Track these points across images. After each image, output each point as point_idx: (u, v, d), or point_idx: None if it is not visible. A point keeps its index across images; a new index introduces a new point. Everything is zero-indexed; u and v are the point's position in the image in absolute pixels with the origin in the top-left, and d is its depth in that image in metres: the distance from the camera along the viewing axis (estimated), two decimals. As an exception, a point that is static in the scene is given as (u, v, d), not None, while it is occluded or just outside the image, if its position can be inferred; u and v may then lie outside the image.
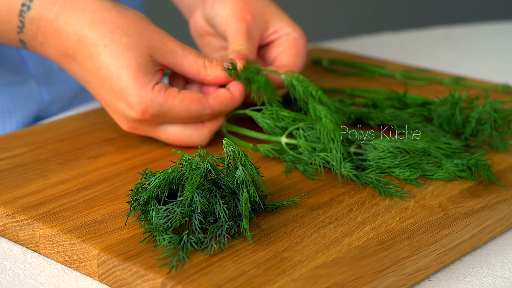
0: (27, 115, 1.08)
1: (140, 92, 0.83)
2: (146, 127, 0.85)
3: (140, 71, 0.83)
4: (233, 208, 0.71)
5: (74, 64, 0.85)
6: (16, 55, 1.07)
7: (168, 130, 0.86)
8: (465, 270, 0.73)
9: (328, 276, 0.65)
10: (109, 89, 0.83)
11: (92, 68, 0.83)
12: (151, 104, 0.83)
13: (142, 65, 0.83)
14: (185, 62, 0.86)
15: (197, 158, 0.72)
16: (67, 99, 1.12)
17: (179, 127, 0.86)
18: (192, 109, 0.84)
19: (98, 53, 0.83)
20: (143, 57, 0.83)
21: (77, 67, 0.85)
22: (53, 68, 1.10)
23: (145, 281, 0.66)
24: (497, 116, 0.88)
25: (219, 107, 0.86)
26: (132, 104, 0.83)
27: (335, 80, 1.11)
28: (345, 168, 0.81)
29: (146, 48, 0.84)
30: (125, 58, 0.83)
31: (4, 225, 0.75)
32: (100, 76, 0.83)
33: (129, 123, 0.85)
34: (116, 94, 0.83)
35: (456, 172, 0.81)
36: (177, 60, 0.86)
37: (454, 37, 1.46)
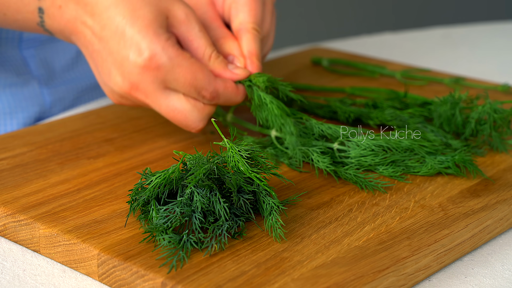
0: (28, 117, 1.08)
1: (152, 38, 0.81)
2: (148, 83, 0.82)
3: (155, 22, 0.82)
4: (237, 203, 0.71)
5: (89, 21, 0.83)
6: (18, 56, 1.07)
7: (170, 97, 0.84)
8: (465, 270, 0.73)
9: (328, 276, 0.65)
10: (121, 36, 0.82)
11: (107, 19, 0.82)
12: (161, 52, 0.81)
13: (158, 19, 0.82)
14: (195, 42, 0.85)
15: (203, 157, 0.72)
16: (69, 100, 1.12)
17: (180, 99, 0.84)
18: (199, 77, 0.82)
19: (116, 4, 0.82)
20: (159, 13, 0.82)
21: (91, 23, 0.83)
22: (56, 70, 1.10)
23: (145, 281, 0.66)
24: (496, 116, 0.88)
25: (223, 90, 0.84)
26: (141, 48, 0.81)
27: (335, 80, 1.11)
28: (323, 162, 0.81)
29: (164, 8, 0.83)
30: (142, 10, 0.82)
31: (4, 225, 0.75)
32: (113, 26, 0.82)
33: (132, 77, 0.82)
34: (126, 41, 0.81)
35: (440, 169, 0.82)
36: (189, 36, 0.85)
37: (454, 37, 1.46)
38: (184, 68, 0.82)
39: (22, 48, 1.07)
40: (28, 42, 1.07)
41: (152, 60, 0.81)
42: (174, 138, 0.90)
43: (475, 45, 1.43)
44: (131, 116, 0.96)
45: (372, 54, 1.30)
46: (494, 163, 0.86)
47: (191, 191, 0.70)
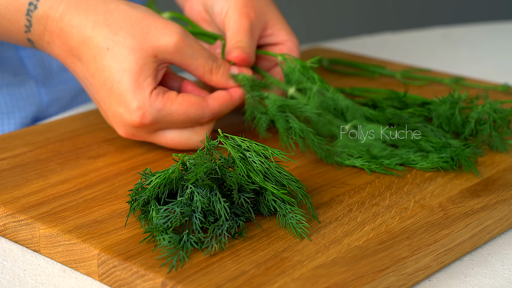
0: (25, 116, 1.08)
1: (139, 97, 0.82)
2: (144, 133, 0.85)
3: (141, 74, 0.82)
4: (238, 202, 0.71)
5: (79, 64, 0.85)
6: (15, 56, 1.07)
7: (166, 135, 0.85)
8: (465, 270, 0.73)
9: (328, 276, 0.65)
10: (109, 92, 0.83)
11: (95, 70, 0.83)
12: (149, 109, 0.82)
13: (144, 68, 0.82)
14: (192, 65, 0.85)
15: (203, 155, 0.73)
16: (66, 100, 1.12)
17: (177, 131, 0.86)
18: (191, 112, 0.84)
19: (102, 56, 0.83)
20: (146, 59, 0.82)
21: (81, 67, 0.85)
22: (53, 69, 1.10)
23: (145, 281, 0.66)
24: (496, 116, 0.88)
25: (219, 108, 0.86)
26: (131, 109, 0.82)
27: (335, 80, 1.11)
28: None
29: (151, 48, 0.82)
30: (127, 61, 0.82)
31: (4, 225, 0.75)
32: (102, 79, 0.83)
33: (127, 129, 0.84)
34: (116, 98, 0.83)
35: (439, 163, 0.83)
36: (185, 61, 0.85)
37: (454, 37, 1.46)
38: (175, 112, 0.84)
39: (18, 48, 1.07)
40: None
41: (143, 119, 0.83)
42: (174, 138, 0.90)
43: (475, 45, 1.43)
44: (131, 116, 0.96)
45: (372, 54, 1.30)
46: (494, 163, 0.86)
47: (191, 191, 0.70)
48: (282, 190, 0.72)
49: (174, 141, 0.86)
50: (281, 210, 0.72)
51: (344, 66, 1.17)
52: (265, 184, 0.73)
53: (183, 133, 0.86)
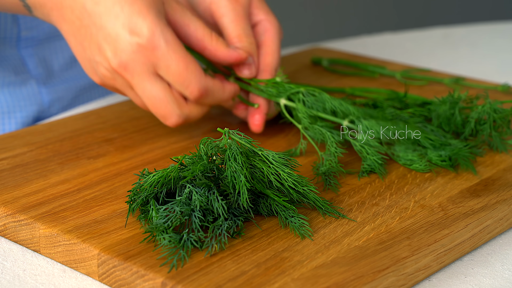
0: (26, 116, 1.08)
1: (153, 20, 0.80)
2: (139, 65, 0.81)
3: (154, 5, 0.81)
4: (235, 204, 0.71)
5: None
6: (16, 55, 1.07)
7: (155, 84, 0.82)
8: (465, 270, 0.73)
9: (328, 276, 0.65)
10: (117, 15, 0.80)
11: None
12: (160, 34, 0.80)
13: (156, 2, 0.81)
14: (191, 25, 0.84)
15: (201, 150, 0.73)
16: (67, 100, 1.12)
17: (165, 88, 0.82)
18: (191, 67, 0.81)
19: None
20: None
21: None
22: (54, 69, 1.10)
23: (145, 281, 0.66)
24: (496, 116, 0.88)
25: (212, 86, 0.83)
26: (140, 28, 0.80)
27: (335, 80, 1.11)
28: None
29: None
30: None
31: (4, 225, 0.75)
32: (109, 3, 0.80)
33: (124, 55, 0.80)
34: (124, 19, 0.80)
35: (438, 162, 0.83)
36: (185, 20, 0.84)
37: (454, 37, 1.46)
38: (179, 56, 0.81)
39: (20, 47, 1.07)
40: (26, 41, 1.07)
41: (150, 41, 0.80)
42: (174, 138, 0.90)
43: (475, 45, 1.43)
44: (131, 116, 0.96)
45: (372, 54, 1.30)
46: (494, 163, 0.86)
47: (189, 190, 0.70)
48: (283, 197, 0.73)
49: (156, 96, 0.82)
50: (283, 213, 0.72)
51: (344, 66, 1.17)
52: (266, 191, 0.73)
53: (168, 95, 0.83)
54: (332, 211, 0.74)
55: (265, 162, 0.73)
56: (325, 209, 0.74)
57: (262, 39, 0.92)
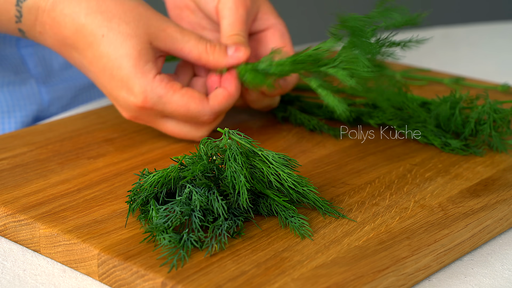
0: (26, 115, 1.08)
1: (141, 81, 0.82)
2: (146, 116, 0.85)
3: (141, 59, 0.83)
4: (235, 204, 0.71)
5: (74, 53, 0.85)
6: (16, 54, 1.07)
7: (168, 123, 0.86)
8: (465, 270, 0.73)
9: (328, 276, 0.65)
10: (110, 78, 0.83)
11: (92, 58, 0.83)
12: (151, 93, 0.83)
13: (142, 53, 0.83)
14: (185, 48, 0.85)
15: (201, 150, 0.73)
16: (67, 99, 1.12)
17: (177, 123, 0.86)
18: (191, 107, 0.84)
19: (97, 43, 0.83)
20: (142, 45, 0.83)
21: (78, 56, 0.85)
22: (54, 68, 1.10)
23: (145, 281, 0.66)
24: (496, 116, 0.88)
25: (218, 106, 0.86)
26: (134, 92, 0.83)
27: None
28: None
29: (145, 35, 0.83)
30: (124, 47, 0.82)
31: (4, 225, 0.75)
32: (100, 66, 0.83)
33: (130, 112, 0.85)
34: (117, 83, 0.83)
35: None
36: (177, 46, 0.85)
37: (454, 37, 1.46)
38: (175, 103, 0.84)
39: (20, 47, 1.07)
40: (26, 41, 1.07)
41: (145, 102, 0.83)
42: (174, 138, 0.90)
43: (475, 45, 1.43)
44: (131, 116, 0.96)
45: (372, 54, 1.30)
46: (494, 163, 0.86)
47: (189, 190, 0.70)
48: (283, 197, 0.73)
49: (174, 131, 0.87)
50: (283, 213, 0.72)
51: (344, 66, 1.17)
52: (266, 191, 0.73)
53: (183, 126, 0.86)
54: (332, 211, 0.74)
55: (265, 162, 0.73)
56: (325, 209, 0.74)
57: (281, 41, 0.93)
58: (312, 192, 0.74)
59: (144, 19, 0.84)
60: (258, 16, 0.93)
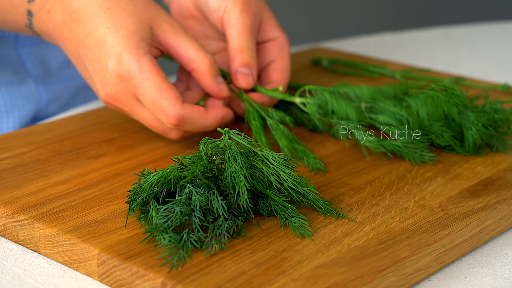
0: (24, 115, 1.08)
1: (130, 51, 0.82)
2: (123, 94, 0.84)
3: (137, 34, 0.83)
4: (235, 204, 0.71)
5: (75, 28, 0.85)
6: (14, 54, 1.07)
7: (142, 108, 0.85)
8: (465, 270, 0.73)
9: (328, 276, 0.65)
10: (102, 46, 0.83)
11: (91, 28, 0.84)
12: (135, 64, 0.82)
13: (140, 30, 0.83)
14: (183, 46, 0.86)
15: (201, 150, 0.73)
16: (65, 99, 1.12)
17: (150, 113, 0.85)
18: (164, 95, 0.82)
19: (101, 14, 0.83)
20: (142, 24, 0.84)
21: (77, 31, 0.85)
22: (52, 68, 1.11)
23: (145, 281, 0.66)
24: (496, 117, 0.88)
25: (189, 115, 0.84)
26: (120, 59, 0.82)
27: (335, 80, 1.11)
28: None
29: (148, 19, 0.84)
30: (125, 20, 0.83)
31: (4, 225, 0.75)
32: (96, 35, 0.83)
33: (110, 87, 0.84)
34: (107, 51, 0.83)
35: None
36: (176, 41, 0.85)
37: (454, 37, 1.46)
38: (152, 82, 0.82)
39: (18, 47, 1.07)
40: (24, 41, 1.07)
41: (126, 71, 0.83)
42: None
43: (475, 45, 1.43)
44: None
45: (372, 54, 1.30)
46: (494, 163, 0.86)
47: (189, 190, 0.70)
48: (283, 197, 0.73)
49: (149, 118, 0.85)
50: (283, 213, 0.72)
51: (344, 66, 1.17)
52: (266, 192, 0.73)
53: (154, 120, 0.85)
54: (332, 211, 0.74)
55: (265, 162, 0.73)
56: (325, 209, 0.74)
57: (279, 54, 0.94)
58: (312, 192, 0.74)
59: (153, 7, 0.85)
60: (261, 27, 0.94)
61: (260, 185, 0.73)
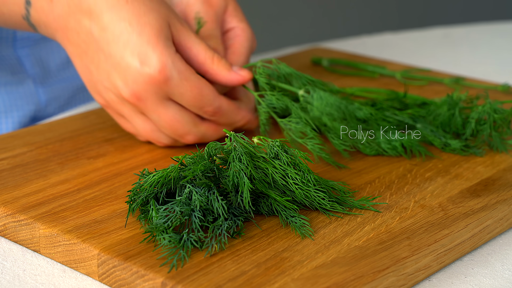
0: (23, 115, 1.08)
1: (163, 50, 0.80)
2: (151, 94, 0.82)
3: (162, 32, 0.81)
4: (236, 203, 0.71)
5: (85, 20, 0.82)
6: (13, 55, 1.07)
7: (170, 107, 0.83)
8: (465, 270, 0.73)
9: (328, 276, 0.65)
10: (125, 43, 0.80)
11: (109, 22, 0.81)
12: (171, 65, 0.80)
13: (164, 28, 0.81)
14: (194, 48, 0.85)
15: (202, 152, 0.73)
16: (64, 99, 1.12)
17: (181, 110, 0.83)
18: (205, 92, 0.82)
19: (119, 7, 0.81)
20: (163, 21, 0.82)
21: (88, 23, 0.82)
22: (50, 68, 1.11)
23: (145, 281, 0.66)
24: (496, 117, 0.88)
25: (226, 108, 0.84)
26: (151, 59, 0.80)
27: (335, 80, 1.11)
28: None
29: (166, 16, 0.82)
30: (148, 16, 0.81)
31: (4, 225, 0.75)
32: (117, 30, 0.81)
33: (136, 86, 0.81)
34: (133, 49, 0.80)
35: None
36: (188, 43, 0.84)
37: (454, 37, 1.46)
38: (192, 83, 0.82)
39: (16, 47, 1.07)
40: (23, 41, 1.07)
41: (162, 73, 0.80)
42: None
43: (475, 45, 1.43)
44: (131, 116, 0.96)
45: (372, 54, 1.30)
46: (494, 163, 0.86)
47: (189, 190, 0.70)
48: (285, 197, 0.73)
49: (172, 118, 0.83)
50: (284, 213, 0.72)
51: (344, 66, 1.17)
52: (269, 192, 0.73)
53: (184, 115, 0.84)
54: (339, 210, 0.74)
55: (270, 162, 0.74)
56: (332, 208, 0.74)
57: (231, 42, 0.92)
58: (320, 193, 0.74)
59: (167, 6, 0.84)
60: (223, 17, 0.93)
61: (261, 185, 0.73)
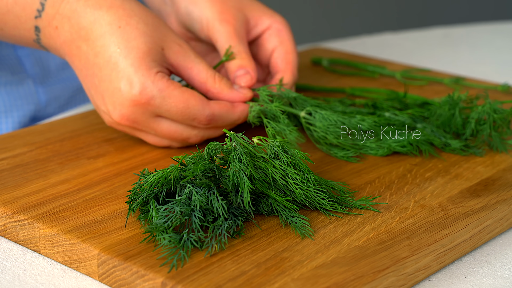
0: (23, 115, 1.08)
1: (144, 73, 0.82)
2: (140, 115, 0.84)
3: (149, 55, 0.83)
4: (236, 203, 0.71)
5: (84, 46, 0.84)
6: (12, 55, 1.07)
7: (162, 123, 0.85)
8: (465, 270, 0.73)
9: (328, 276, 0.65)
10: (113, 67, 0.83)
11: (101, 47, 0.83)
12: (151, 85, 0.82)
13: (152, 51, 0.83)
14: (194, 68, 0.86)
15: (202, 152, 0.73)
16: (64, 99, 1.12)
17: (172, 122, 0.85)
18: (191, 103, 0.83)
19: (111, 33, 0.83)
20: (154, 45, 0.83)
21: (86, 49, 0.84)
22: (50, 68, 1.11)
23: (145, 281, 0.66)
24: (496, 117, 0.88)
25: (219, 111, 0.85)
26: (133, 82, 0.82)
27: (335, 80, 1.11)
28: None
29: (159, 40, 0.84)
30: (137, 40, 0.83)
31: (4, 225, 0.75)
32: (107, 55, 0.83)
33: (124, 109, 0.83)
34: (119, 73, 0.82)
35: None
36: (188, 64, 0.85)
37: (454, 37, 1.46)
38: (175, 98, 0.83)
39: (16, 48, 1.07)
40: None
41: (142, 94, 0.82)
42: (174, 138, 0.90)
43: (475, 45, 1.43)
44: (131, 116, 0.96)
45: (372, 54, 1.30)
46: (494, 163, 0.86)
47: (189, 190, 0.70)
48: (285, 197, 0.73)
49: (169, 130, 0.85)
50: (284, 213, 0.72)
51: (344, 66, 1.17)
52: (269, 192, 0.73)
53: (178, 125, 0.85)
54: (339, 210, 0.74)
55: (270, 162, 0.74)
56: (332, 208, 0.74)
57: (278, 39, 0.94)
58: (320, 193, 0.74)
59: (163, 28, 0.85)
60: (252, 23, 0.94)
61: (261, 185, 0.73)
